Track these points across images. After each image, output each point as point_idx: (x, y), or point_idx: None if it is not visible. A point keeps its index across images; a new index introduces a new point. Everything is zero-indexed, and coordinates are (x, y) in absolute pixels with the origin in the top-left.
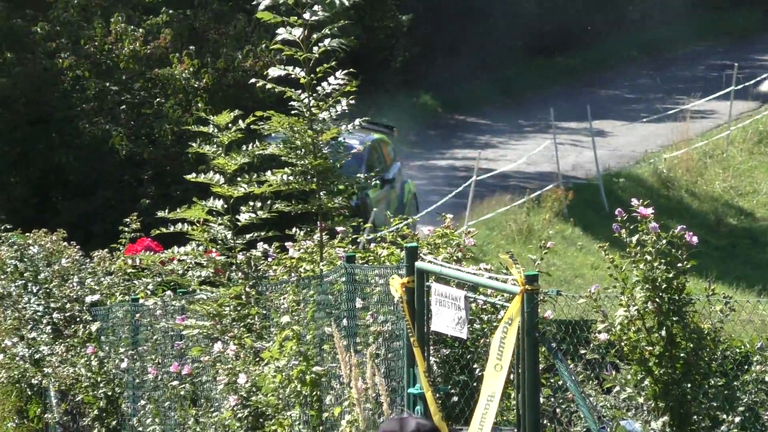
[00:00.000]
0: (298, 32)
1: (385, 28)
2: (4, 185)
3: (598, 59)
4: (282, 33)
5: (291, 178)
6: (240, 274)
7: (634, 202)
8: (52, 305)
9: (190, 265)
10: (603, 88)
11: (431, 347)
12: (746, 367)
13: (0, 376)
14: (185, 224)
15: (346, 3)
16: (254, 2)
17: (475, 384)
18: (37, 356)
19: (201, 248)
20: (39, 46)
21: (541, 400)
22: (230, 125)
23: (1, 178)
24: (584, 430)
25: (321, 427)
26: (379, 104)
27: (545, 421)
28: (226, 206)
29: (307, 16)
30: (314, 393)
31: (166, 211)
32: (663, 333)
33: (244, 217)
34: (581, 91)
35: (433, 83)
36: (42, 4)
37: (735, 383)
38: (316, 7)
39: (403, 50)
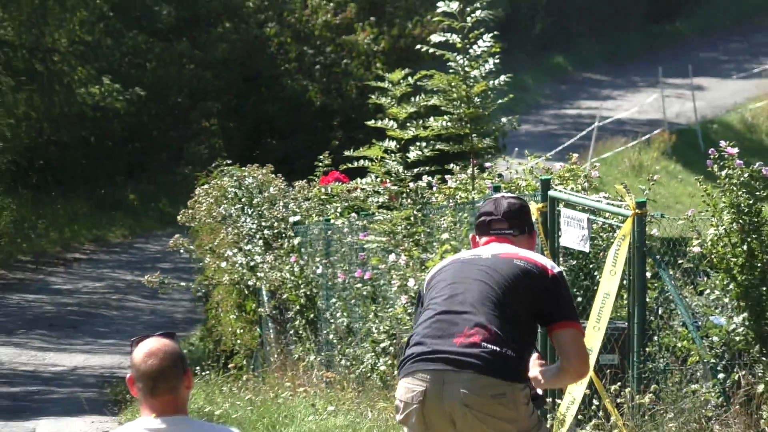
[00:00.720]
0: (455, 5)
1: (526, 1)
2: (225, 129)
3: (698, 27)
4: (442, 6)
5: (449, 123)
6: (409, 200)
7: (723, 143)
8: (263, 224)
9: (370, 193)
10: (702, 51)
11: (561, 258)
12: None
13: (224, 278)
14: (366, 161)
15: None
16: None
17: (595, 288)
18: (252, 263)
19: (378, 179)
20: (251, 17)
21: (647, 300)
22: (401, 81)
23: (223, 124)
24: (681, 323)
25: None
26: (521, 64)
27: (651, 317)
28: (398, 146)
29: None
30: None
31: (351, 150)
32: (744, 247)
33: (412, 155)
34: (684, 53)
35: (565, 47)
36: None
37: None
38: None
39: (541, 20)
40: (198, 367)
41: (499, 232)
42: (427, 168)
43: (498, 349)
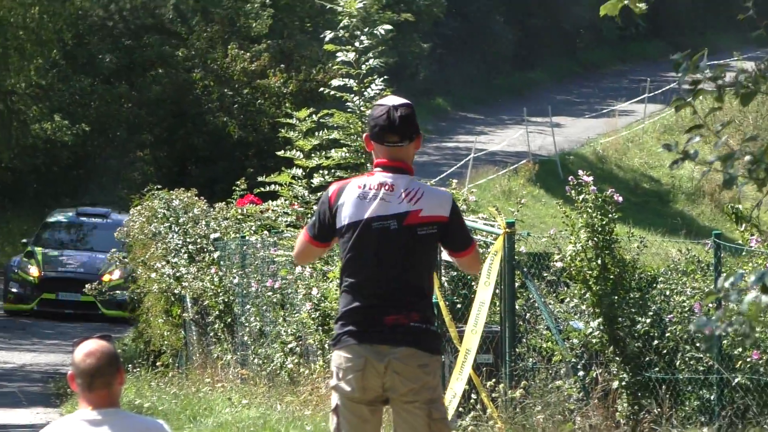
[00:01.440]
0: (351, 55)
1: (411, 52)
2: (157, 158)
3: (556, 74)
4: (341, 56)
5: (348, 154)
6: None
7: (580, 172)
8: (188, 240)
9: (280, 214)
10: (559, 94)
11: (443, 270)
12: (654, 284)
13: (153, 287)
14: (277, 185)
15: (384, 34)
16: (323, 36)
17: (472, 296)
18: (177, 274)
19: (287, 202)
20: (179, 64)
21: (516, 307)
22: (307, 118)
23: (155, 154)
24: (545, 327)
25: None
26: None
27: (520, 322)
28: (304, 173)
29: (357, 44)
30: None
31: (264, 176)
32: (599, 261)
33: (316, 181)
34: (545, 96)
35: (444, 91)
36: (181, 36)
37: (647, 295)
38: (363, 38)
39: (424, 68)
40: (130, 365)
41: (392, 144)
42: None
43: (423, 326)
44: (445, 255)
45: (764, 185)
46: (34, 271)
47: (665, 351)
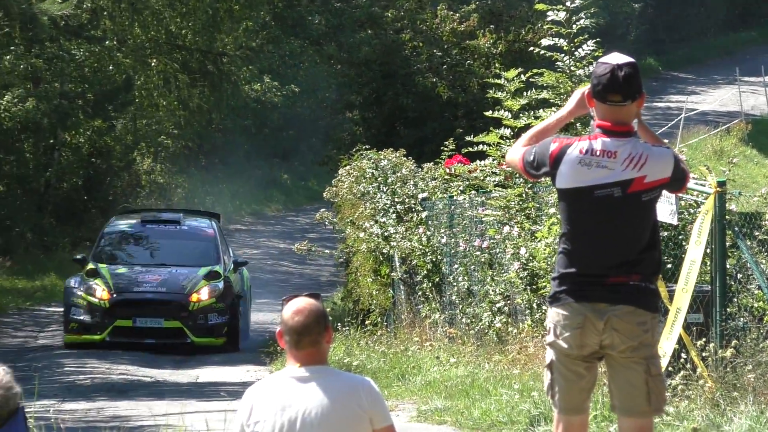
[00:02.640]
0: (562, 15)
1: (622, 12)
2: (365, 118)
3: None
4: (551, 15)
5: None
6: (521, 179)
7: None
8: (396, 200)
9: (488, 173)
10: None
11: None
12: None
13: (362, 247)
14: (485, 145)
15: None
16: None
17: (683, 256)
18: (386, 234)
19: (495, 162)
20: (388, 25)
21: (727, 266)
22: (515, 78)
23: (363, 114)
24: (757, 286)
25: None
26: None
27: (730, 281)
28: (512, 133)
29: (568, 3)
30: None
31: (472, 136)
32: None
33: None
34: (758, 55)
35: (655, 51)
36: None
37: None
38: None
39: (635, 28)
40: (339, 324)
41: (614, 103)
42: None
43: (643, 284)
44: (658, 215)
45: None
46: (101, 293)
47: None
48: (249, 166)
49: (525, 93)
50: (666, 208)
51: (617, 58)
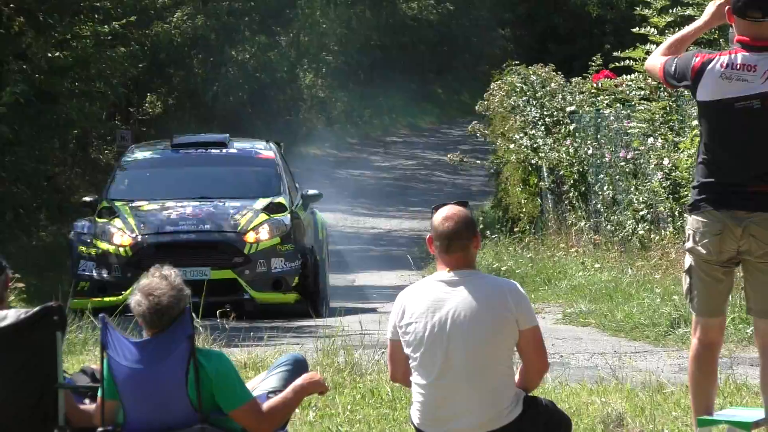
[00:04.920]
0: None
1: None
2: (516, 35)
3: None
4: None
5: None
6: (666, 93)
7: None
8: (545, 113)
9: (634, 88)
10: None
11: None
12: None
13: (512, 158)
14: (631, 61)
15: None
16: None
17: None
18: (535, 146)
19: (641, 76)
20: None
21: None
22: None
23: (515, 31)
24: None
25: None
26: None
27: None
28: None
29: None
30: None
31: (619, 52)
32: None
33: None
34: None
35: None
36: None
37: None
38: None
39: None
40: (488, 231)
41: (754, 19)
42: None
43: None
44: None
45: None
46: (121, 237)
47: None
48: (405, 81)
49: (671, 10)
50: None
51: None
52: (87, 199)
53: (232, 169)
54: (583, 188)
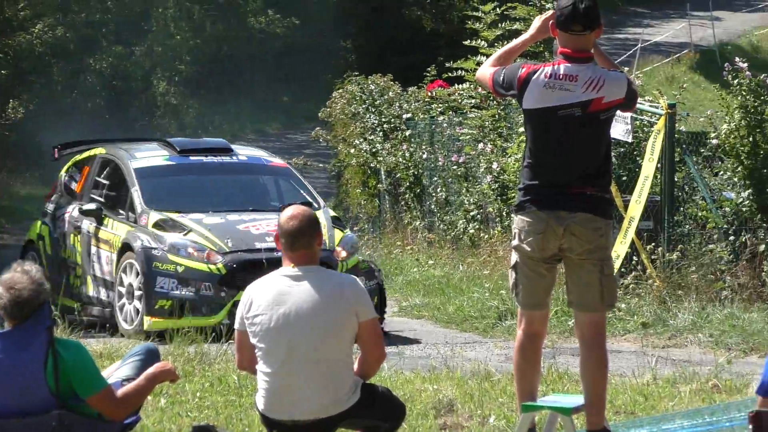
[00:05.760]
0: None
1: None
2: (357, 47)
3: None
4: None
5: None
6: (495, 102)
7: (737, 59)
8: (383, 120)
9: (465, 97)
10: None
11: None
12: None
13: (352, 161)
14: (463, 71)
15: None
16: None
17: (637, 170)
18: (373, 150)
19: (472, 86)
20: None
21: (675, 179)
22: (491, 11)
23: (356, 43)
24: (701, 197)
25: None
26: None
27: (678, 192)
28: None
29: None
30: None
31: (452, 63)
32: (750, 139)
33: None
34: None
35: None
36: None
37: None
38: None
39: None
40: None
41: (576, 33)
42: None
43: (599, 194)
44: (612, 133)
45: None
46: (207, 254)
47: None
48: (253, 89)
49: (500, 24)
50: (621, 128)
51: None
52: (89, 207)
53: (254, 178)
54: (418, 190)
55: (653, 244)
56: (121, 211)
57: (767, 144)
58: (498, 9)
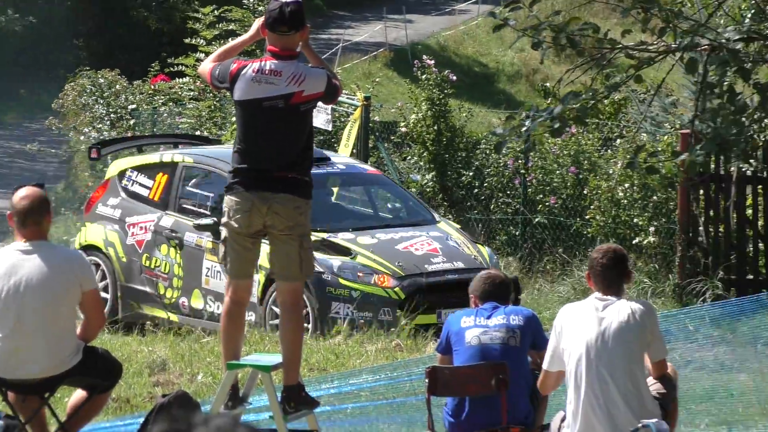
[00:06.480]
0: None
1: None
2: (89, 45)
3: None
4: None
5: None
6: (211, 94)
7: (425, 57)
8: (110, 110)
9: (185, 90)
10: None
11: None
12: (478, 146)
13: (82, 147)
14: (183, 66)
15: None
16: None
17: (335, 151)
18: (101, 137)
19: (191, 80)
20: None
21: (369, 162)
22: (210, 14)
23: (87, 41)
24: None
25: None
26: None
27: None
28: (205, 56)
29: None
30: None
31: (173, 59)
32: (435, 127)
33: None
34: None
35: None
36: None
37: (471, 154)
38: None
39: None
40: (63, 209)
41: (282, 33)
42: None
43: (299, 177)
44: (314, 122)
45: (564, 50)
46: (383, 278)
47: (483, 197)
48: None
49: (217, 25)
50: (323, 118)
51: None
52: (206, 222)
53: (365, 189)
54: None
55: None
56: None
57: (449, 132)
58: (216, 11)
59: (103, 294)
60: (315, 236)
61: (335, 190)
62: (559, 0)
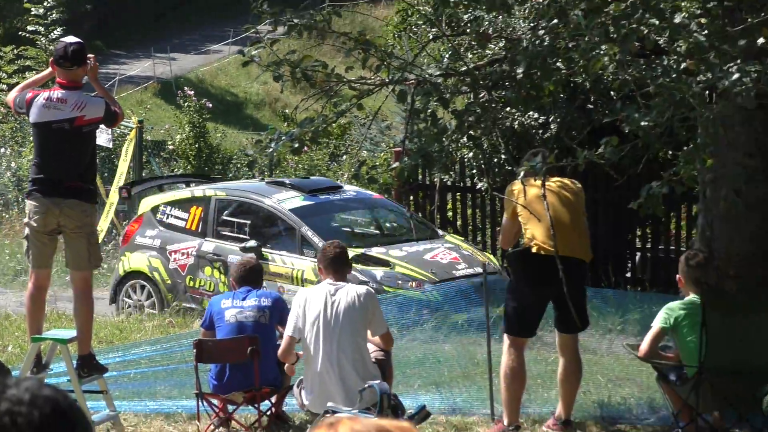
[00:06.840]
0: (41, 11)
1: (81, 10)
2: None
3: (179, 21)
4: (34, 11)
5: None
6: (13, 118)
7: (186, 89)
8: None
9: None
10: (177, 38)
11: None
12: (231, 161)
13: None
14: None
15: None
16: None
17: (115, 168)
18: None
19: None
20: None
21: (143, 174)
22: (10, 52)
23: None
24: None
25: None
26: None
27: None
28: (8, 89)
29: (46, 3)
30: None
31: None
32: (197, 145)
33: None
34: (167, 40)
35: (105, 35)
36: None
37: (226, 167)
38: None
39: (88, 23)
40: None
41: (67, 68)
42: None
43: (85, 186)
44: (98, 140)
45: (300, 83)
46: (417, 284)
47: None
48: None
49: (16, 61)
50: (105, 137)
51: (70, 38)
52: (251, 244)
53: (372, 211)
54: None
55: (126, 221)
56: (280, 248)
57: (208, 149)
58: (15, 50)
59: (150, 310)
60: (353, 251)
61: (352, 213)
62: (295, 41)
